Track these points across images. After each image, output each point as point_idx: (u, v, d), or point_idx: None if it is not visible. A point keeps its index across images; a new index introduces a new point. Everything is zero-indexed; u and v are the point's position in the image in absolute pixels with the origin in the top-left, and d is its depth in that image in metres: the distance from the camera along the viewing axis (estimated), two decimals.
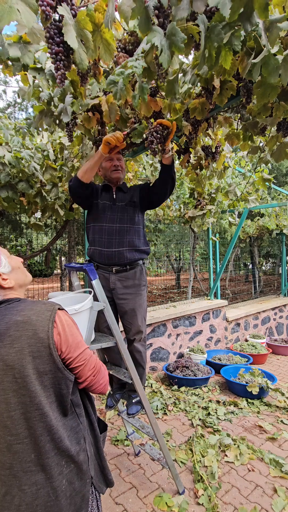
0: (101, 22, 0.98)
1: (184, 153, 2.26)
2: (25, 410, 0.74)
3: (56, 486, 0.77)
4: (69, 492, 0.80)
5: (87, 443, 0.88)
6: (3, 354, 0.73)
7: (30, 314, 0.78)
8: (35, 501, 0.74)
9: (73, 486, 0.81)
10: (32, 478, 0.75)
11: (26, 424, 0.75)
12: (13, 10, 0.82)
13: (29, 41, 1.29)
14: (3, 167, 2.27)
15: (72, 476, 0.81)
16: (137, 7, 0.73)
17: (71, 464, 0.81)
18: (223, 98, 1.38)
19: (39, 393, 0.75)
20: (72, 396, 0.86)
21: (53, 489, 0.76)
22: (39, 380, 0.76)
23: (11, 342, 0.74)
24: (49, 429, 0.77)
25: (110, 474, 0.98)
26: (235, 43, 0.89)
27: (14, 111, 10.87)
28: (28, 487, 0.74)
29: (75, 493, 0.81)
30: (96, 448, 0.94)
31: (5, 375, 0.73)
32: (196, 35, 0.95)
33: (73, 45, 0.85)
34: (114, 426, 2.50)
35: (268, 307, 5.24)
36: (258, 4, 0.81)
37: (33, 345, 0.75)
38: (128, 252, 1.72)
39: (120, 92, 0.81)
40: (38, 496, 0.74)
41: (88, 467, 0.86)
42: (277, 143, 1.73)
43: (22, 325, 0.75)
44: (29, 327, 0.75)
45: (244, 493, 1.78)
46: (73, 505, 0.80)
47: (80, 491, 0.83)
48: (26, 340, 0.74)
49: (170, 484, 1.85)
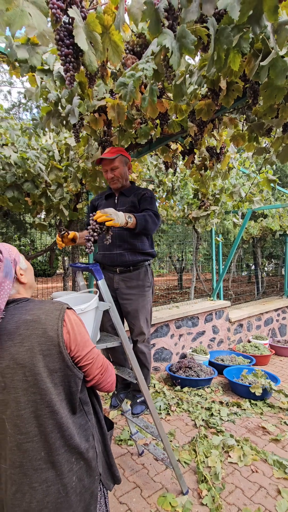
0: (110, 24, 0.99)
1: (188, 154, 2.27)
2: (35, 408, 0.75)
3: (66, 482, 0.77)
4: (79, 489, 0.80)
5: (95, 440, 0.88)
6: (14, 353, 0.73)
7: (39, 313, 0.78)
8: (45, 498, 0.75)
9: (83, 483, 0.82)
10: (43, 476, 0.75)
11: (36, 422, 0.75)
12: (24, 14, 0.83)
13: (37, 43, 1.30)
14: (9, 168, 2.29)
15: (81, 473, 0.82)
16: (148, 10, 0.73)
17: (80, 461, 0.82)
18: (229, 99, 1.38)
19: (50, 390, 0.75)
20: (81, 394, 0.86)
21: (63, 486, 0.77)
22: (50, 378, 0.76)
23: (21, 340, 0.74)
24: (59, 426, 0.77)
25: (118, 471, 0.99)
26: (244, 45, 0.90)
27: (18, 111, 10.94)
28: (38, 484, 0.74)
29: (85, 489, 0.82)
30: (103, 446, 0.95)
31: (15, 374, 0.73)
32: (205, 37, 0.96)
33: (83, 47, 0.86)
34: (117, 425, 2.51)
35: (271, 308, 5.22)
36: (267, 7, 0.81)
37: (43, 344, 0.75)
38: (129, 255, 1.71)
39: (130, 94, 0.82)
40: (49, 493, 0.75)
41: (97, 464, 0.87)
42: (283, 144, 1.74)
43: (31, 324, 0.76)
44: (38, 326, 0.76)
45: (248, 494, 1.77)
46: (83, 501, 0.81)
47: (89, 488, 0.83)
48: (36, 339, 0.75)
49: (174, 484, 1.85)
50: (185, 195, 3.85)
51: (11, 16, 0.84)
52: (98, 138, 1.91)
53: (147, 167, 3.40)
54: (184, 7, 0.74)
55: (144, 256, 1.77)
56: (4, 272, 0.77)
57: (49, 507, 0.75)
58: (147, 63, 0.79)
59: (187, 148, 2.26)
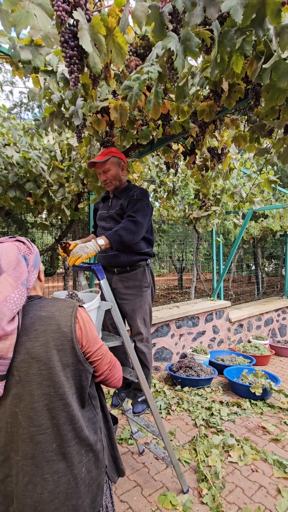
0: (114, 26, 1.00)
1: (190, 154, 2.28)
2: (49, 401, 0.77)
3: (76, 473, 0.80)
4: (87, 480, 0.83)
5: (102, 433, 0.91)
6: (29, 347, 0.75)
7: (53, 310, 0.81)
8: (56, 488, 0.77)
9: (91, 474, 0.84)
10: (54, 467, 0.77)
11: (49, 415, 0.77)
12: (30, 15, 0.84)
13: (41, 44, 1.31)
14: (11, 167, 2.30)
15: (90, 465, 0.84)
16: (152, 13, 0.74)
17: (89, 453, 0.85)
18: (231, 100, 1.39)
19: (64, 383, 0.78)
20: (90, 389, 0.89)
21: (73, 477, 0.79)
22: (63, 372, 0.78)
23: (36, 336, 0.77)
24: (71, 419, 0.79)
25: (122, 464, 1.02)
26: (247, 48, 0.91)
27: (20, 111, 10.95)
28: (50, 475, 0.76)
29: (92, 481, 0.85)
30: (109, 439, 0.98)
31: (30, 368, 0.75)
32: (208, 40, 0.97)
33: (88, 49, 0.87)
34: (118, 424, 2.51)
35: (271, 308, 5.23)
36: (270, 10, 0.82)
37: (57, 339, 0.78)
38: (124, 256, 1.71)
39: (135, 97, 0.82)
40: (60, 483, 0.77)
41: (104, 456, 0.90)
42: (284, 145, 1.74)
43: (46, 320, 0.79)
44: (53, 322, 0.79)
45: (248, 493, 1.79)
46: (91, 493, 0.83)
47: (96, 479, 0.86)
48: (50, 334, 0.77)
49: (174, 483, 1.86)
50: (186, 195, 3.86)
51: (17, 17, 0.85)
52: (100, 138, 1.91)
53: (148, 167, 3.41)
54: (188, 10, 0.75)
55: (141, 256, 1.75)
56: (34, 261, 0.84)
57: (60, 498, 0.77)
58: (152, 66, 0.80)
59: (188, 149, 2.27)
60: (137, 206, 1.65)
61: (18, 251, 0.80)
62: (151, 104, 0.87)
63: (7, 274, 0.74)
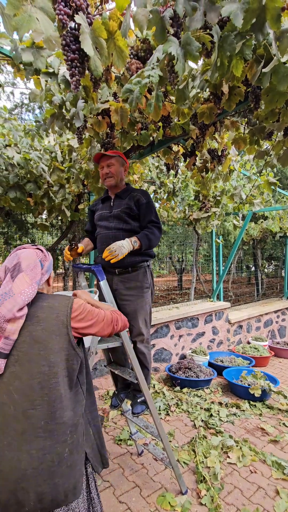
0: (115, 30, 1.01)
1: (190, 156, 2.29)
2: (42, 379, 0.86)
3: (60, 452, 0.87)
4: (70, 462, 0.89)
5: (84, 419, 0.99)
6: (31, 331, 0.88)
7: (53, 301, 0.95)
8: (40, 465, 0.83)
9: (73, 457, 0.91)
10: (41, 443, 0.84)
11: (41, 391, 0.86)
12: (32, 19, 0.85)
13: (42, 46, 1.32)
14: (12, 168, 2.31)
15: (73, 447, 0.91)
16: (154, 18, 0.75)
17: (74, 435, 0.92)
18: (231, 103, 1.40)
19: (58, 363, 0.89)
20: (80, 375, 0.99)
21: (57, 455, 0.86)
22: (58, 354, 0.89)
23: (38, 321, 0.89)
24: (60, 397, 0.88)
25: (107, 454, 1.08)
26: (247, 52, 0.91)
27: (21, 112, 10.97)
28: (36, 451, 0.83)
29: (75, 464, 0.91)
30: (95, 427, 1.05)
31: (30, 348, 0.87)
32: (208, 43, 0.98)
33: (90, 52, 0.88)
34: (117, 425, 2.52)
35: (271, 309, 5.24)
36: (270, 15, 0.83)
37: (55, 325, 0.90)
38: (127, 256, 1.69)
39: (136, 100, 0.83)
40: (44, 460, 0.84)
41: (83, 441, 0.97)
42: (284, 147, 1.75)
43: (47, 309, 0.93)
44: (53, 311, 0.92)
45: (247, 494, 1.79)
46: (73, 477, 0.89)
47: (77, 464, 0.92)
48: (50, 321, 0.90)
49: (173, 484, 1.87)
50: (186, 196, 3.87)
51: (19, 21, 0.86)
52: (100, 140, 1.92)
53: (148, 169, 3.42)
54: (189, 15, 0.76)
55: (143, 257, 1.76)
56: (47, 267, 1.01)
57: (43, 475, 0.83)
58: (153, 70, 0.81)
59: (188, 150, 2.28)
60: (153, 213, 1.77)
61: (37, 256, 0.97)
62: (152, 107, 0.87)
63: (25, 274, 0.91)
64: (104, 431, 2.43)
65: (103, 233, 1.76)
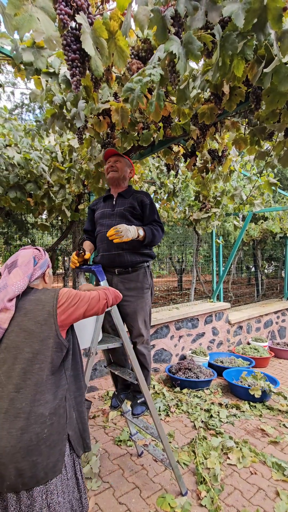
0: (116, 29, 1.01)
1: (190, 156, 2.29)
2: (26, 365, 0.94)
3: (38, 432, 0.91)
4: (48, 442, 0.94)
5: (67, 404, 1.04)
6: (19, 321, 0.97)
7: (40, 295, 1.04)
8: (19, 443, 0.88)
9: (53, 437, 0.95)
10: (20, 423, 0.90)
11: (24, 376, 0.93)
12: (33, 19, 0.85)
13: (43, 46, 1.32)
14: (12, 168, 2.31)
15: (52, 429, 0.96)
16: (155, 17, 0.75)
17: (53, 417, 0.96)
18: (232, 103, 1.40)
19: (42, 351, 0.96)
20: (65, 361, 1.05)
21: (35, 435, 0.91)
22: (44, 342, 0.97)
23: (26, 312, 0.99)
24: (41, 382, 0.95)
25: (89, 439, 1.13)
26: (248, 52, 0.91)
27: (21, 112, 10.97)
28: (15, 430, 0.89)
29: (54, 444, 0.95)
30: (78, 412, 1.09)
31: (17, 336, 0.95)
32: (209, 43, 0.97)
33: (90, 52, 0.87)
34: (117, 426, 2.51)
35: (271, 310, 5.23)
36: (271, 15, 0.83)
37: (42, 316, 0.98)
38: (128, 255, 1.71)
39: (137, 99, 0.83)
40: (22, 439, 0.89)
41: (66, 424, 1.01)
42: (284, 148, 1.75)
43: (34, 301, 1.01)
44: (39, 303, 1.01)
45: (247, 495, 1.78)
46: (52, 456, 0.94)
47: (58, 444, 0.97)
48: (37, 312, 0.99)
49: (173, 485, 1.86)
50: (186, 197, 3.87)
51: (20, 21, 0.86)
52: (101, 140, 1.92)
53: (149, 169, 3.42)
54: (190, 14, 0.76)
55: (143, 257, 1.76)
56: (41, 264, 1.10)
57: (21, 452, 0.88)
58: (154, 68, 0.81)
59: (189, 151, 2.28)
60: (155, 214, 1.81)
61: (32, 254, 1.09)
62: (153, 107, 0.87)
63: (19, 268, 1.04)
64: (104, 432, 2.42)
65: (104, 231, 1.76)
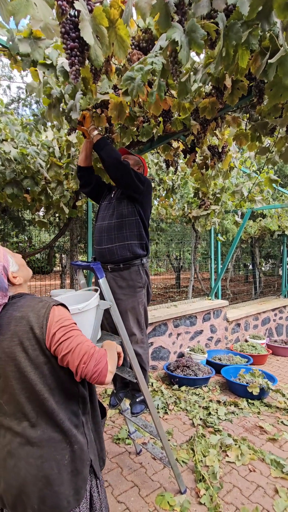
0: (116, 18, 0.97)
1: (190, 153, 2.26)
2: (29, 395, 0.83)
3: (59, 459, 0.85)
4: (70, 468, 0.87)
5: (86, 428, 0.95)
6: (4, 347, 0.82)
7: (28, 311, 0.85)
8: (39, 473, 0.82)
9: (75, 464, 0.88)
10: (38, 452, 0.83)
11: (31, 406, 0.84)
12: (30, 4, 0.81)
13: (40, 37, 1.28)
14: (9, 163, 2.26)
15: (74, 456, 0.88)
16: (158, 4, 0.72)
17: (74, 445, 0.89)
18: (234, 97, 1.37)
19: (38, 382, 0.83)
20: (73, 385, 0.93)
21: (56, 462, 0.84)
22: (38, 371, 0.84)
23: (11, 336, 0.82)
24: (52, 411, 0.85)
25: (105, 456, 1.06)
26: (253, 41, 0.88)
27: (18, 106, 10.83)
28: (34, 460, 0.82)
29: (76, 472, 0.88)
30: (96, 433, 1.02)
31: (7, 365, 0.82)
32: (213, 33, 0.94)
33: (89, 41, 0.84)
34: (115, 424, 2.50)
35: (268, 308, 5.24)
36: (277, 4, 0.80)
37: (30, 339, 0.83)
38: (119, 249, 1.65)
39: (137, 88, 0.80)
40: (43, 468, 0.83)
41: (88, 450, 0.93)
42: (286, 144, 1.73)
43: (20, 320, 0.84)
44: (26, 323, 0.84)
45: (246, 493, 1.78)
46: (74, 483, 0.87)
47: (81, 472, 0.89)
48: (24, 335, 0.83)
49: (172, 483, 1.85)
50: (185, 194, 3.84)
51: (16, 6, 0.82)
52: None
53: (147, 165, 3.38)
54: (194, 1, 0.73)
55: (134, 250, 1.68)
56: None
57: (43, 481, 0.82)
58: (156, 57, 0.78)
59: (188, 147, 2.25)
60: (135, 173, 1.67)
61: None
62: (154, 97, 0.84)
63: None
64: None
65: (98, 224, 1.76)
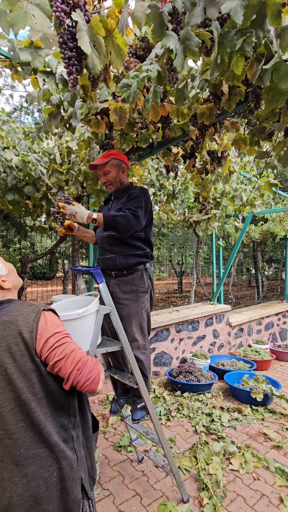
0: (113, 27, 1.00)
1: (190, 158, 2.27)
2: (13, 406, 0.78)
3: (46, 477, 0.80)
4: (59, 486, 0.82)
5: (76, 443, 0.90)
6: None
7: (16, 315, 0.82)
8: (25, 492, 0.77)
9: (64, 483, 0.83)
10: (23, 471, 0.78)
11: (14, 419, 0.78)
12: (28, 15, 0.83)
13: (40, 46, 1.31)
14: (10, 171, 2.29)
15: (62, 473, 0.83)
16: (152, 13, 0.73)
17: (62, 461, 0.83)
18: (231, 103, 1.39)
19: (25, 390, 0.79)
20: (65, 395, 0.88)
21: (43, 481, 0.79)
22: (25, 378, 0.79)
23: None
24: (37, 424, 0.80)
25: (96, 474, 1.00)
26: (247, 49, 0.90)
27: (20, 115, 11.00)
28: (19, 479, 0.77)
29: (66, 491, 0.83)
30: (87, 449, 0.96)
31: None
32: (208, 41, 0.96)
33: (87, 50, 0.86)
34: (117, 431, 2.47)
35: (271, 312, 5.20)
36: (270, 11, 0.82)
37: (19, 344, 0.79)
38: (121, 258, 1.67)
39: (133, 95, 0.81)
40: (29, 487, 0.78)
41: (78, 467, 0.88)
42: (284, 148, 1.74)
43: (8, 325, 0.80)
44: (14, 327, 0.80)
45: (250, 502, 1.74)
46: (64, 501, 0.82)
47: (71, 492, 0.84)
48: (12, 340, 0.79)
49: (174, 492, 1.82)
50: (185, 198, 3.86)
51: (15, 17, 0.84)
52: (99, 141, 1.91)
53: (148, 171, 3.41)
54: (188, 10, 0.74)
55: (138, 258, 1.70)
56: None
57: (30, 501, 0.77)
58: (151, 64, 0.79)
59: (188, 152, 2.26)
60: (137, 202, 1.64)
61: None
62: (150, 103, 0.85)
63: None
64: (103, 437, 2.39)
65: (99, 235, 1.77)
